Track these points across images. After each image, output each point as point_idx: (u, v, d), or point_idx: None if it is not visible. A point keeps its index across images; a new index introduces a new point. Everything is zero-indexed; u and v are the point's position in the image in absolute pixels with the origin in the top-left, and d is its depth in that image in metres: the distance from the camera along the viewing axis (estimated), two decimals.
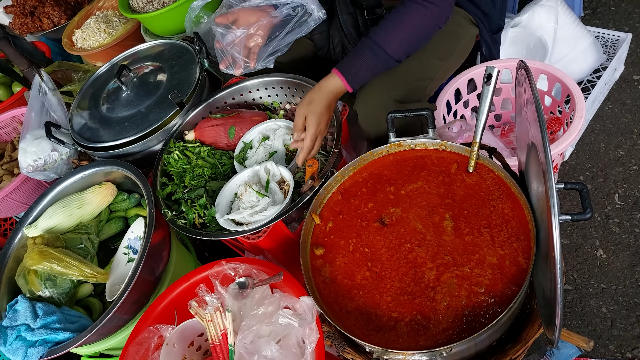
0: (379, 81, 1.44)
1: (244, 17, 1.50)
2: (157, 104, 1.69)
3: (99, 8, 2.74)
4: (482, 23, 1.58)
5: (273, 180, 1.40)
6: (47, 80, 1.90)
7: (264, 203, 1.34)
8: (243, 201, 1.37)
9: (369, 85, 1.45)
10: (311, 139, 1.31)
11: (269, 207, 1.33)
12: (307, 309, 1.09)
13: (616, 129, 2.00)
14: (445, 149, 1.28)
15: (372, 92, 1.44)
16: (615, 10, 2.42)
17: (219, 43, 1.53)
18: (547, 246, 0.92)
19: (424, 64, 1.49)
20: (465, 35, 1.55)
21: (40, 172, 1.76)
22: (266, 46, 1.51)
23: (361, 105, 1.46)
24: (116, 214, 1.66)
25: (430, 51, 1.49)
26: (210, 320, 1.14)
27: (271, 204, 1.35)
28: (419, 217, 1.18)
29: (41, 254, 1.40)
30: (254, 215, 1.33)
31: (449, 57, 1.54)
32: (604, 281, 1.65)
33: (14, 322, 1.34)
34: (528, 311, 1.23)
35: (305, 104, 1.32)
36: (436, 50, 1.50)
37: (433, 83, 1.54)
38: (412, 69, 1.47)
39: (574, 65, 1.95)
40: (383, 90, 1.43)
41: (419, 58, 1.47)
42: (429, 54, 1.49)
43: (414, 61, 1.46)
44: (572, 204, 1.85)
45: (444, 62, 1.53)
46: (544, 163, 0.88)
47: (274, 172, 1.40)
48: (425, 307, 1.05)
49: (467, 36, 1.56)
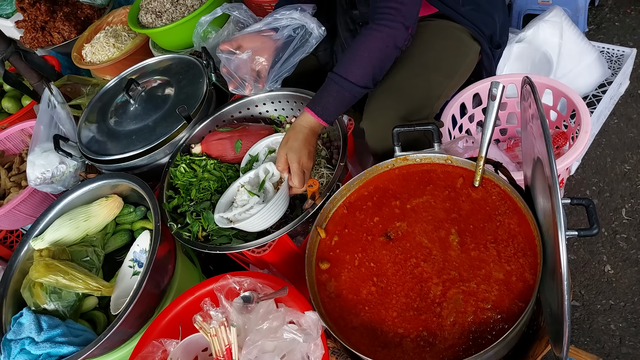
0: (386, 100, 1.45)
1: (247, 42, 1.54)
2: (165, 117, 1.70)
3: (109, 23, 2.78)
4: (483, 38, 1.58)
5: (270, 180, 1.41)
6: (57, 93, 1.93)
7: (253, 202, 1.36)
8: (236, 200, 1.40)
9: (376, 103, 1.47)
10: (297, 175, 1.32)
11: (256, 205, 1.34)
12: (312, 324, 1.08)
13: (622, 144, 2.00)
14: (450, 164, 1.28)
15: (379, 110, 1.45)
16: (619, 25, 2.43)
17: (225, 68, 1.57)
18: (553, 262, 0.91)
19: (430, 82, 1.50)
20: (469, 52, 1.57)
21: (48, 185, 1.78)
22: (273, 68, 1.54)
23: (368, 123, 1.47)
24: (122, 226, 1.66)
25: (435, 69, 1.50)
26: (214, 335, 1.13)
27: (260, 202, 1.36)
28: (425, 231, 1.18)
29: (47, 267, 1.40)
30: (243, 213, 1.34)
31: (454, 75, 1.55)
32: (612, 297, 1.63)
33: (19, 335, 1.34)
34: (535, 328, 1.22)
35: (283, 144, 1.36)
36: (441, 69, 1.51)
37: (439, 101, 1.54)
38: (418, 88, 1.47)
39: (579, 80, 1.95)
40: (390, 109, 1.44)
41: (425, 76, 1.48)
42: (434, 72, 1.50)
43: (420, 80, 1.48)
44: (578, 218, 1.84)
45: (449, 80, 1.53)
46: (549, 178, 0.88)
47: (272, 172, 1.42)
48: (432, 323, 1.04)
49: (471, 53, 1.57)
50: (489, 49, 1.62)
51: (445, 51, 1.52)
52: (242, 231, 1.39)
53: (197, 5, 2.23)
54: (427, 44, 1.52)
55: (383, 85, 1.50)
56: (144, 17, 2.31)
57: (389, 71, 1.54)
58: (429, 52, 1.51)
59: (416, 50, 1.52)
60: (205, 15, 2.00)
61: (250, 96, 1.69)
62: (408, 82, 1.48)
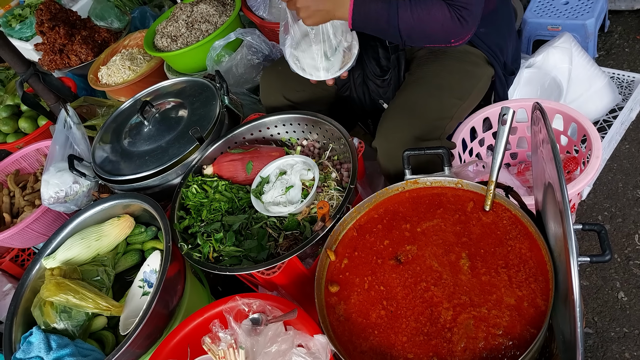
0: (399, 119, 1.47)
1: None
2: (178, 138, 1.73)
3: (125, 46, 2.85)
4: (497, 63, 1.61)
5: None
6: (73, 114, 1.97)
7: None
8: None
9: (389, 123, 1.48)
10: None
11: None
12: (321, 348, 1.08)
13: (634, 169, 1.99)
14: (461, 187, 1.28)
15: (392, 129, 1.47)
16: (629, 51, 2.44)
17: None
18: (565, 288, 0.90)
19: (443, 103, 1.51)
20: (482, 76, 1.59)
21: (61, 204, 1.80)
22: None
23: (381, 142, 1.48)
24: (133, 246, 1.68)
25: (448, 91, 1.52)
26: (223, 357, 1.13)
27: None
28: (435, 255, 1.18)
29: (58, 286, 1.41)
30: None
31: (467, 97, 1.56)
32: (626, 325, 1.60)
33: (28, 354, 1.34)
34: (547, 355, 1.20)
35: None
36: (454, 90, 1.53)
37: (452, 122, 1.56)
38: (432, 108, 1.49)
39: (589, 105, 1.95)
40: (403, 128, 1.46)
41: (438, 97, 1.50)
42: (447, 93, 1.52)
43: (433, 100, 1.49)
44: (590, 244, 1.82)
45: (462, 102, 1.55)
46: (560, 203, 0.88)
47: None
48: (442, 349, 1.03)
49: (484, 77, 1.60)
50: (503, 74, 1.64)
51: (459, 74, 1.53)
52: (252, 252, 1.40)
53: (212, 30, 2.28)
54: (442, 65, 1.55)
55: (396, 104, 1.52)
56: (159, 41, 2.37)
57: (402, 91, 1.56)
58: (443, 74, 1.54)
59: (431, 72, 1.54)
60: (219, 40, 2.06)
61: (261, 117, 1.72)
62: (422, 102, 1.50)
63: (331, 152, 1.63)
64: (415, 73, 1.58)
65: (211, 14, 2.34)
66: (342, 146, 1.58)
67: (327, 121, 1.59)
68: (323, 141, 1.69)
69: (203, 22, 2.30)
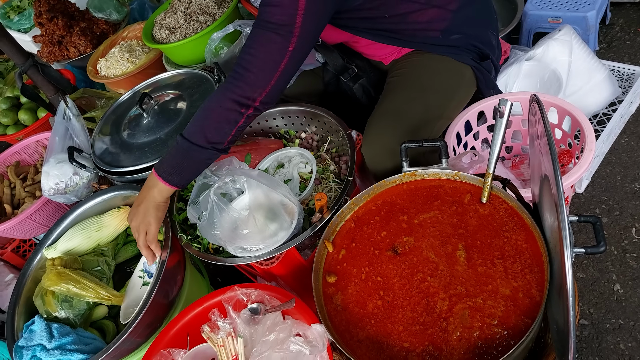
0: (383, 124, 1.45)
1: None
2: (177, 130, 1.73)
3: (123, 38, 2.84)
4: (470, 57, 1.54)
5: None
6: (72, 106, 1.97)
7: (273, 228, 1.33)
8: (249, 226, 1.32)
9: (374, 129, 1.46)
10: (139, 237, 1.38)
11: (279, 231, 1.32)
12: (319, 337, 1.09)
13: (632, 162, 1.99)
14: (458, 180, 1.29)
15: (377, 135, 1.45)
16: (630, 44, 2.43)
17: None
18: (560, 279, 0.91)
19: (427, 105, 1.49)
20: (465, 71, 1.54)
21: (61, 195, 1.81)
22: None
23: (366, 147, 1.47)
24: (133, 237, 1.69)
25: (432, 91, 1.50)
26: (222, 346, 1.15)
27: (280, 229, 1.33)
28: (432, 246, 1.19)
29: (59, 275, 1.42)
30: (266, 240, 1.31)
31: (454, 95, 1.54)
32: (621, 317, 1.61)
33: (30, 342, 1.36)
34: (542, 345, 1.22)
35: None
36: (439, 90, 1.50)
37: (441, 122, 1.54)
38: (416, 111, 1.47)
39: (589, 98, 1.95)
40: (387, 132, 1.44)
41: (421, 99, 1.48)
42: (432, 94, 1.49)
43: (416, 103, 1.47)
44: (587, 237, 1.83)
45: (449, 101, 1.53)
46: (555, 195, 0.89)
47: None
48: (437, 338, 1.04)
49: (467, 71, 1.55)
50: (478, 63, 1.57)
51: (441, 73, 1.50)
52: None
53: (210, 21, 2.28)
54: (422, 68, 1.52)
55: (381, 110, 1.50)
56: (158, 33, 2.37)
57: (386, 96, 1.54)
58: (424, 75, 1.51)
59: (412, 75, 1.52)
60: (218, 32, 2.05)
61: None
62: (406, 106, 1.47)
63: (329, 145, 1.63)
64: (397, 76, 1.56)
65: (209, 5, 2.33)
66: (340, 139, 1.59)
67: (326, 114, 1.60)
68: (322, 134, 1.69)
69: (201, 14, 2.30)
